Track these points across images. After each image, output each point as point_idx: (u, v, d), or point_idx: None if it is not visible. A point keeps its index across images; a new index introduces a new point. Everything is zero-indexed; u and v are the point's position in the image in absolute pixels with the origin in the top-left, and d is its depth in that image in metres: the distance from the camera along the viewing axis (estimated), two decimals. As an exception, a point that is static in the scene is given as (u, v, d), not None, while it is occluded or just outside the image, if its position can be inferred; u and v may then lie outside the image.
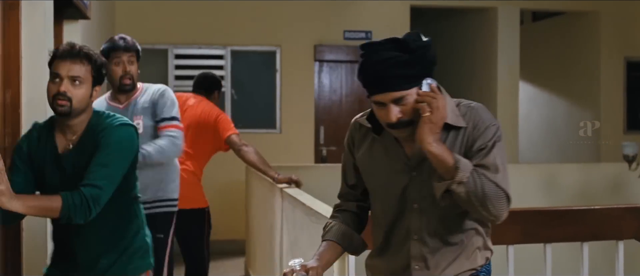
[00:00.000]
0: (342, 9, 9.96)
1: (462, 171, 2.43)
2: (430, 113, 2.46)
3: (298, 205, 4.85)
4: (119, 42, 4.45)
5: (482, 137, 2.52)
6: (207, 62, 9.77)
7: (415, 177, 2.62)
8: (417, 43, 2.51)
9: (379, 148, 2.70)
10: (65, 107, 3.10)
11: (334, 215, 2.92)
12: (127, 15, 9.51)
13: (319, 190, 6.43)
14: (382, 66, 2.49)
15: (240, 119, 9.75)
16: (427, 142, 2.45)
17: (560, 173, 8.46)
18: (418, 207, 2.64)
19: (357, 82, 10.01)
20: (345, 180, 2.91)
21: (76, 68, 3.12)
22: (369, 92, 2.56)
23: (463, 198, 2.43)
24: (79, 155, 3.18)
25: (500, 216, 2.47)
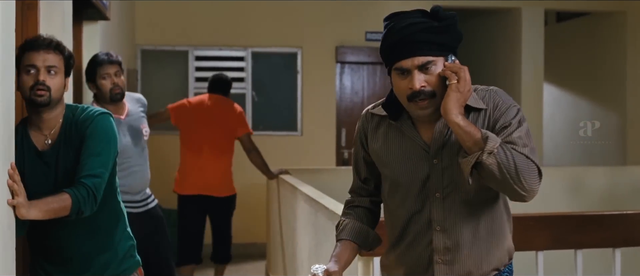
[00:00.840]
0: (363, 10, 9.87)
1: (492, 140, 2.31)
2: (457, 82, 2.37)
3: (320, 209, 4.78)
4: (104, 57, 4.77)
5: (505, 116, 2.43)
6: (227, 64, 9.71)
7: (436, 164, 2.51)
8: (445, 13, 2.45)
9: (395, 136, 2.59)
10: (44, 96, 3.05)
11: (346, 212, 2.81)
12: (147, 16, 9.47)
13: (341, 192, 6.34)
14: (410, 30, 2.41)
15: (260, 121, 9.69)
16: (453, 113, 2.34)
17: (586, 177, 8.33)
18: (440, 195, 2.52)
19: (379, 83, 9.99)
20: (358, 174, 2.80)
21: (50, 58, 3.09)
22: (392, 59, 2.46)
23: (494, 172, 2.30)
24: (65, 149, 3.13)
25: (533, 191, 2.35)
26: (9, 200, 2.73)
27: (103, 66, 4.73)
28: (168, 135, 9.42)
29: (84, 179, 3.03)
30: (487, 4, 10.18)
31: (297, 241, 5.87)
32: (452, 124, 2.35)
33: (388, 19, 2.50)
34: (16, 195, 2.76)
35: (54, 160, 3.14)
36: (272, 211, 7.67)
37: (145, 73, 9.54)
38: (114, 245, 3.35)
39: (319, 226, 4.86)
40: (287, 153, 9.58)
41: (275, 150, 9.55)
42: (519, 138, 2.37)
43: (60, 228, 3.18)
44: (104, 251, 3.31)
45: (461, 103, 2.36)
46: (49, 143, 3.15)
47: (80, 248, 3.26)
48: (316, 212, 4.93)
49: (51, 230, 3.19)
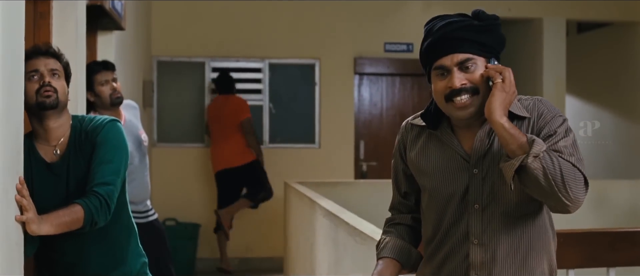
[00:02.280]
0: (382, 21, 9.75)
1: (538, 144, 2.19)
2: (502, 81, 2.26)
3: (340, 224, 4.65)
4: (99, 65, 4.79)
5: (550, 125, 2.32)
6: (244, 75, 9.60)
7: (476, 174, 2.38)
8: (487, 14, 2.38)
9: (435, 145, 2.48)
10: (53, 97, 2.98)
11: (387, 230, 2.68)
12: (163, 27, 9.38)
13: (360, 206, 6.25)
14: (450, 28, 2.33)
15: (278, 134, 9.58)
16: (498, 114, 2.22)
17: (611, 190, 8.19)
18: (479, 207, 2.39)
19: (398, 95, 9.86)
20: (397, 189, 2.67)
21: (51, 62, 3.05)
22: (431, 58, 2.36)
23: (538, 178, 2.18)
24: (75, 159, 3.05)
25: (578, 201, 2.23)
26: (18, 216, 2.62)
27: (101, 73, 4.71)
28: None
29: (96, 188, 2.94)
30: (508, 15, 10.04)
31: (316, 256, 5.73)
32: (496, 125, 2.23)
33: (429, 22, 2.43)
34: (25, 211, 2.65)
35: (64, 171, 3.05)
36: (290, 225, 7.55)
37: (161, 84, 9.45)
38: (126, 261, 3.26)
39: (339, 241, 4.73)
40: (304, 166, 9.47)
41: (293, 162, 9.45)
42: (565, 147, 2.26)
43: (71, 242, 3.08)
44: (116, 267, 3.22)
45: (506, 104, 2.26)
46: (57, 154, 3.06)
47: (92, 264, 3.16)
48: (336, 227, 4.80)
49: (61, 245, 3.09)
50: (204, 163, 9.41)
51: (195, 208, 9.28)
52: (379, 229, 4.02)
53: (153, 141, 9.25)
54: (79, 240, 3.08)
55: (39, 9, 4.02)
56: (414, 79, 9.82)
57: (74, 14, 4.23)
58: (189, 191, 9.34)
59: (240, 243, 9.35)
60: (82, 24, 4.39)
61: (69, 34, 4.19)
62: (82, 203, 2.87)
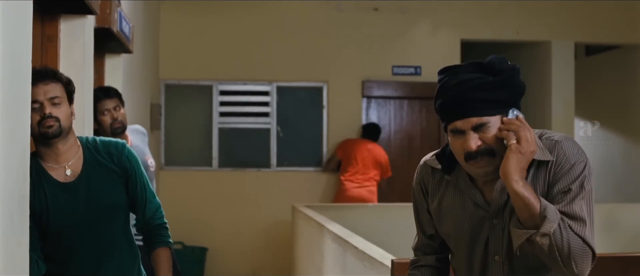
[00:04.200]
0: (390, 44, 9.74)
1: (550, 221, 2.10)
2: (517, 142, 2.16)
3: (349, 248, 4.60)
4: (100, 93, 4.68)
5: (567, 177, 2.20)
6: (252, 98, 9.59)
7: (495, 225, 2.31)
8: (503, 65, 2.25)
9: (453, 193, 2.39)
10: (54, 127, 2.96)
11: (411, 273, 2.60)
12: (171, 50, 9.39)
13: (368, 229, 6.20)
14: (463, 88, 2.21)
15: (286, 157, 9.56)
16: (513, 179, 2.13)
17: (620, 214, 8.12)
18: (500, 259, 2.31)
19: (406, 118, 9.83)
20: (422, 231, 2.58)
21: (50, 89, 2.98)
22: (446, 119, 2.27)
23: (544, 251, 2.12)
24: (96, 178, 3.08)
25: (582, 275, 2.15)
26: None
27: (101, 102, 4.63)
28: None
29: (158, 219, 3.26)
30: (515, 38, 10.03)
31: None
32: (511, 190, 2.15)
33: (441, 73, 2.31)
34: None
35: (82, 191, 3.04)
36: (298, 248, 7.50)
37: (169, 107, 9.44)
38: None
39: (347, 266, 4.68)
40: (312, 189, 9.43)
41: (301, 186, 9.41)
42: (579, 209, 2.16)
43: (86, 264, 3.08)
44: None
45: (523, 165, 2.16)
46: (69, 175, 3.05)
47: None
48: (344, 251, 4.76)
49: (74, 267, 3.07)
50: (211, 186, 9.39)
51: (202, 232, 9.25)
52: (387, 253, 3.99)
53: (160, 164, 9.23)
54: (92, 262, 3.08)
55: (46, 32, 4.01)
56: (422, 102, 9.79)
57: (82, 37, 4.21)
58: (196, 214, 9.31)
59: (247, 267, 9.31)
60: (90, 47, 4.36)
61: (77, 57, 4.17)
62: (165, 244, 3.25)
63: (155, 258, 3.26)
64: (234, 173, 9.50)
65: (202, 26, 9.47)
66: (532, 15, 9.94)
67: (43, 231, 3.00)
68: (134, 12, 6.53)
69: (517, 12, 9.86)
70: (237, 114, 9.58)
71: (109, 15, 4.71)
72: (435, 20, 9.78)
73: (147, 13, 7.83)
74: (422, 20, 9.81)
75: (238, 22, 9.48)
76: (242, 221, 9.35)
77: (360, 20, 9.66)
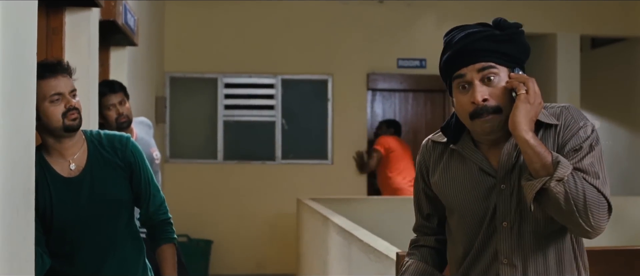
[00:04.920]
0: (395, 37, 9.72)
1: (563, 167, 2.07)
2: (526, 93, 2.15)
3: (354, 241, 4.60)
4: (105, 89, 4.65)
5: (576, 137, 2.19)
6: (257, 91, 9.59)
7: (503, 190, 2.27)
8: (509, 22, 2.27)
9: (457, 163, 2.37)
10: (78, 119, 3.01)
11: (410, 253, 2.59)
12: (176, 43, 9.39)
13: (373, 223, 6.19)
14: (470, 39, 2.22)
15: (290, 150, 9.55)
16: (523, 128, 2.10)
17: (626, 207, 8.08)
18: (508, 225, 2.28)
19: (411, 111, 9.82)
20: (419, 211, 2.58)
21: (69, 82, 3.03)
22: (451, 70, 2.26)
23: (560, 201, 2.07)
24: (100, 172, 3.08)
25: (600, 228, 2.12)
26: None
27: (106, 97, 4.62)
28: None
29: (162, 215, 3.25)
30: (521, 30, 10.00)
31: (328, 273, 5.68)
32: (520, 140, 2.12)
33: (448, 33, 2.32)
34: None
35: (86, 186, 3.05)
36: (303, 241, 7.50)
37: (174, 100, 9.45)
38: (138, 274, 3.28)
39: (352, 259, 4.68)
40: (317, 182, 9.44)
41: (306, 178, 9.41)
42: (591, 165, 2.14)
43: (91, 257, 3.09)
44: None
45: (531, 117, 2.13)
46: (74, 169, 3.05)
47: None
48: (349, 244, 4.75)
49: (81, 260, 3.09)
50: (216, 179, 9.39)
51: (207, 225, 9.26)
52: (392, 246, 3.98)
53: (166, 157, 9.24)
54: (97, 258, 3.09)
55: (51, 25, 4.01)
56: (427, 95, 9.78)
57: (86, 30, 4.20)
58: (201, 207, 9.32)
59: (252, 259, 9.32)
60: (95, 39, 4.36)
61: (82, 49, 4.16)
62: (170, 239, 3.25)
63: (160, 255, 3.27)
64: (239, 166, 9.51)
65: (207, 19, 9.46)
66: (538, 7, 9.91)
67: (47, 226, 3.00)
68: (139, 5, 6.53)
69: (523, 5, 9.83)
70: (242, 107, 9.58)
71: (113, 7, 4.71)
72: (440, 12, 9.76)
73: (152, 6, 7.82)
74: (428, 13, 9.79)
75: (243, 14, 9.47)
76: (247, 214, 9.36)
77: (365, 13, 9.65)
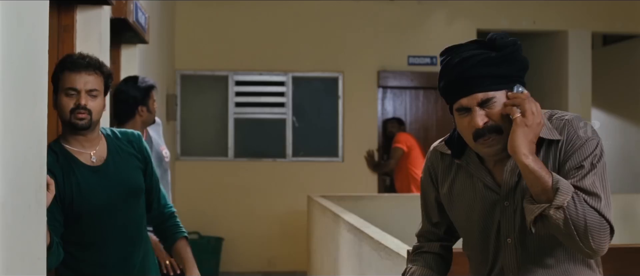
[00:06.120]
0: (406, 34, 9.71)
1: (563, 193, 2.05)
2: (522, 115, 2.12)
3: (364, 239, 4.59)
4: (156, 83, 4.78)
5: (579, 153, 2.15)
6: (268, 89, 9.60)
7: (507, 207, 2.27)
8: (505, 41, 2.21)
9: (463, 179, 2.36)
10: (85, 119, 3.02)
11: (413, 259, 2.58)
12: (186, 40, 9.40)
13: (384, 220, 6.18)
14: (466, 65, 2.19)
15: (301, 147, 9.56)
16: (522, 152, 2.08)
17: (638, 205, 8.05)
18: (512, 241, 2.27)
19: (422, 108, 9.80)
20: (428, 217, 2.56)
21: (91, 80, 3.02)
22: (450, 99, 2.26)
23: (559, 226, 2.06)
24: (120, 163, 3.17)
25: (600, 251, 2.10)
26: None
27: (155, 90, 4.71)
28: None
29: (169, 208, 3.43)
30: (532, 27, 9.97)
31: (339, 271, 5.68)
32: (520, 165, 2.11)
33: (443, 53, 2.30)
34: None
35: (111, 173, 3.12)
36: (313, 239, 7.50)
37: (185, 98, 9.46)
38: (155, 266, 3.37)
39: (363, 257, 4.68)
40: (328, 179, 9.43)
41: (316, 176, 9.41)
42: (592, 185, 2.10)
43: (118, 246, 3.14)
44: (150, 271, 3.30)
45: (530, 138, 2.11)
46: (95, 161, 3.11)
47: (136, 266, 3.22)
48: (360, 242, 4.75)
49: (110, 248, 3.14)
50: (227, 176, 9.40)
51: (218, 222, 9.27)
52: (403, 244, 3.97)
53: (176, 154, 9.25)
54: (127, 243, 3.17)
55: (62, 22, 4.01)
56: (437, 92, 9.69)
57: (98, 27, 4.21)
58: (211, 204, 9.33)
59: (263, 257, 9.33)
60: (106, 37, 4.36)
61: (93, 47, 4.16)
62: (184, 233, 3.42)
63: (179, 251, 3.39)
64: (249, 163, 9.51)
65: (217, 16, 9.47)
66: (549, 4, 9.88)
67: (76, 214, 3.04)
68: (150, 3, 6.53)
69: (534, 2, 9.80)
70: (252, 105, 9.59)
71: (124, 5, 4.71)
72: (451, 9, 9.74)
73: (162, 3, 7.83)
74: (438, 10, 9.77)
75: (253, 12, 9.48)
76: (258, 212, 9.37)
77: (376, 10, 9.64)
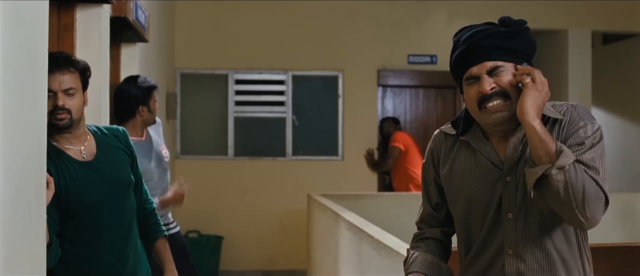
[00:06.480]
0: (406, 33, 9.71)
1: (566, 156, 2.12)
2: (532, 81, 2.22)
3: (364, 237, 4.60)
4: (157, 83, 4.79)
5: (580, 132, 2.24)
6: (267, 87, 9.59)
7: (509, 182, 2.33)
8: (515, 19, 2.35)
9: (466, 154, 2.43)
10: (65, 119, 3.02)
11: (415, 245, 2.61)
12: (186, 39, 9.40)
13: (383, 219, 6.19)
14: (477, 37, 2.31)
15: (301, 146, 9.56)
16: (531, 114, 2.17)
17: (637, 204, 8.05)
18: (513, 216, 2.33)
19: (422, 107, 9.80)
20: (428, 200, 2.60)
21: (66, 79, 3.01)
22: (461, 70, 2.35)
23: (559, 190, 2.11)
24: (109, 158, 3.19)
25: (595, 220, 2.16)
26: None
27: (156, 90, 4.73)
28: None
29: (151, 204, 3.46)
30: (533, 26, 9.93)
31: (339, 270, 5.68)
32: (527, 126, 2.18)
33: (456, 33, 2.41)
34: None
35: (102, 168, 3.14)
36: (313, 237, 7.50)
37: (185, 96, 9.46)
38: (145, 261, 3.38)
39: (363, 255, 4.68)
40: (328, 178, 9.44)
41: (316, 175, 9.41)
42: (591, 160, 2.18)
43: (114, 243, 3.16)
44: (141, 265, 3.32)
45: (539, 103, 2.20)
46: (86, 156, 3.12)
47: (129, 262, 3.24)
48: (360, 240, 4.75)
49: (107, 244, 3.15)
50: (227, 175, 9.40)
51: (218, 221, 9.27)
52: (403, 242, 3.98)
53: (176, 153, 9.25)
54: (121, 237, 3.18)
55: (62, 21, 4.02)
56: (437, 91, 9.76)
57: (97, 26, 4.21)
58: (211, 203, 9.33)
59: (263, 255, 9.33)
60: (105, 36, 4.36)
61: (93, 46, 4.17)
62: (164, 233, 3.45)
63: (159, 250, 3.43)
64: (249, 162, 9.52)
65: (217, 15, 9.47)
66: (549, 3, 9.88)
67: (71, 210, 3.04)
68: (150, 1, 6.53)
69: (534, 1, 9.80)
70: (252, 103, 9.59)
71: (124, 4, 4.71)
72: (451, 8, 9.74)
73: (162, 2, 7.83)
74: (438, 9, 9.77)
75: (253, 11, 9.48)
76: (258, 210, 9.37)
77: (376, 9, 9.64)
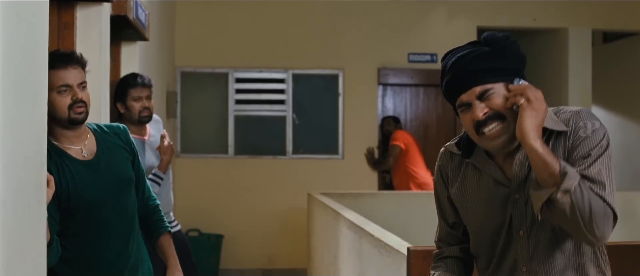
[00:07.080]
0: (406, 31, 9.71)
1: (571, 178, 2.07)
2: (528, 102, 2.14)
3: (365, 236, 4.59)
4: (138, 80, 4.73)
5: (586, 143, 2.19)
6: (268, 86, 9.59)
7: (518, 200, 2.29)
8: (495, 36, 2.28)
9: (472, 176, 2.39)
10: (84, 112, 3.08)
11: (435, 265, 2.58)
12: (186, 37, 9.40)
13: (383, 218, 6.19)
14: (461, 63, 2.25)
15: (301, 144, 9.55)
16: (531, 136, 2.10)
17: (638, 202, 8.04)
18: (524, 233, 2.30)
19: (422, 105, 9.80)
20: (444, 219, 2.57)
21: (79, 73, 3.08)
22: (453, 98, 2.29)
23: (565, 212, 2.07)
24: (110, 157, 3.20)
25: (603, 238, 2.12)
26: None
27: (136, 88, 4.69)
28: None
29: (154, 200, 3.45)
30: (533, 25, 9.97)
31: (339, 268, 5.68)
32: (529, 149, 2.12)
33: (443, 58, 2.36)
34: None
35: (103, 166, 3.14)
36: (313, 236, 7.50)
37: (185, 95, 9.46)
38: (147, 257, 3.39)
39: (363, 253, 4.68)
40: (328, 176, 9.43)
41: (316, 173, 9.41)
42: (598, 173, 2.13)
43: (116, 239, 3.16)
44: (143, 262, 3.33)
45: (538, 123, 2.13)
46: (87, 155, 3.13)
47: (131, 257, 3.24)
48: (360, 239, 4.75)
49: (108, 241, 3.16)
50: (227, 174, 9.40)
51: (218, 219, 9.27)
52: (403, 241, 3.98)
53: (177, 152, 9.25)
54: (122, 239, 3.19)
55: (63, 20, 4.01)
56: (438, 90, 9.75)
57: (98, 25, 4.21)
58: (212, 202, 9.33)
59: (263, 254, 9.33)
60: (106, 34, 4.35)
61: (93, 44, 4.17)
62: (167, 229, 3.45)
63: (162, 246, 3.43)
64: (249, 160, 9.51)
65: (217, 13, 9.46)
66: (549, 2, 9.88)
67: (72, 209, 3.05)
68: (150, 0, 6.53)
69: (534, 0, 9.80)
70: (253, 102, 9.58)
71: (125, 2, 4.71)
72: (451, 7, 9.73)
73: (163, 0, 7.83)
74: (438, 7, 9.76)
75: (254, 9, 9.47)
76: (258, 209, 9.37)
77: (376, 7, 9.63)
